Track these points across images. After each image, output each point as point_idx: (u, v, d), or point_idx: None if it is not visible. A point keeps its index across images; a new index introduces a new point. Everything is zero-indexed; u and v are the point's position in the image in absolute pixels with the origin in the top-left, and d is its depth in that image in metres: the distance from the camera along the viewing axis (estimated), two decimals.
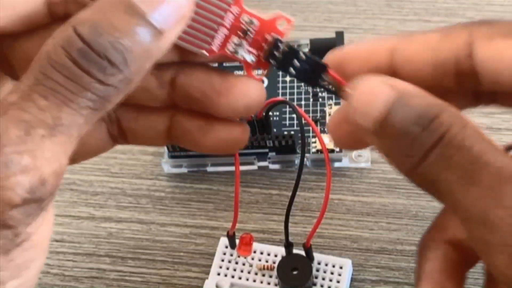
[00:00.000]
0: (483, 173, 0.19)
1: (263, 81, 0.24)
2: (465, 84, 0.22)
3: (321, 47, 0.38)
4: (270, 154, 0.36)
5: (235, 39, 0.23)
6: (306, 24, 0.43)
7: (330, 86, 0.23)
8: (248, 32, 0.23)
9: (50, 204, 0.20)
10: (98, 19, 0.19)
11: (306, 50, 0.40)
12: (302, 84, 0.39)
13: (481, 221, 0.19)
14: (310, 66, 0.23)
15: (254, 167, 0.37)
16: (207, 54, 0.23)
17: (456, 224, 0.22)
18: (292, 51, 0.23)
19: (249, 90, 0.23)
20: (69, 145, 0.19)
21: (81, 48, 0.19)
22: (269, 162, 0.37)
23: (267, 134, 0.35)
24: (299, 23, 0.43)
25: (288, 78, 0.39)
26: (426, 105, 0.20)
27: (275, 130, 0.37)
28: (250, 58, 0.23)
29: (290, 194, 0.29)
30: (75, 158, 0.25)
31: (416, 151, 0.19)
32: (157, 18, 0.19)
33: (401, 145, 0.20)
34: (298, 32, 0.42)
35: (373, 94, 0.20)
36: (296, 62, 0.23)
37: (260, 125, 0.34)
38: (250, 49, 0.23)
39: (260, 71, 0.24)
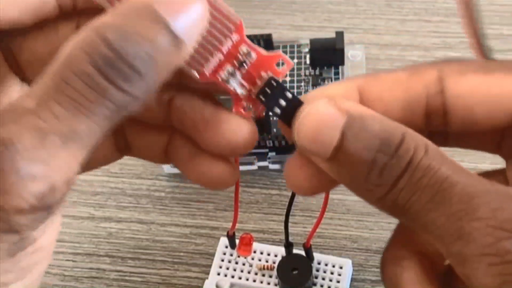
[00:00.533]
0: (452, 191, 0.19)
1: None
2: (434, 123, 0.22)
3: (321, 47, 0.38)
4: (270, 154, 0.36)
5: (229, 68, 0.22)
6: (306, 24, 0.43)
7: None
8: (244, 64, 0.22)
9: (58, 209, 0.20)
10: (124, 24, 0.18)
11: (306, 50, 0.40)
12: (302, 84, 0.39)
13: (457, 236, 0.19)
14: (293, 106, 0.22)
15: (254, 167, 0.37)
16: (198, 76, 0.22)
17: (421, 238, 0.22)
18: (280, 89, 0.22)
19: (238, 130, 0.23)
20: (82, 154, 0.19)
21: (106, 54, 0.18)
22: (269, 162, 0.37)
23: (267, 134, 0.35)
24: (299, 23, 0.43)
25: (288, 78, 0.39)
26: (385, 130, 0.19)
27: (275, 130, 0.37)
28: (240, 90, 0.22)
29: (290, 194, 0.29)
30: (84, 167, 0.25)
31: (386, 180, 0.19)
32: (179, 27, 0.19)
33: (365, 175, 0.19)
34: (298, 32, 0.43)
35: (323, 119, 0.20)
36: (282, 102, 0.22)
37: (260, 125, 0.34)
38: (243, 81, 0.22)
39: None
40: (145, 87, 0.19)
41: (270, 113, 0.22)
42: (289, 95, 0.22)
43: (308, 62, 0.39)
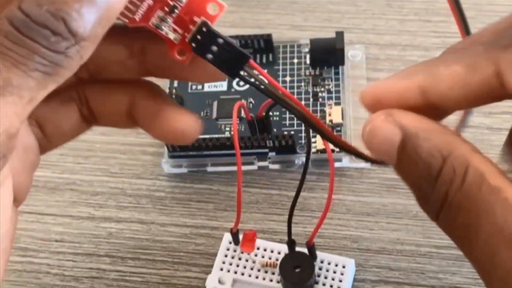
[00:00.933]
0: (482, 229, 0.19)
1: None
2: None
3: (321, 47, 0.39)
4: (270, 154, 0.36)
5: (159, 13, 0.22)
6: (306, 24, 0.43)
7: (252, 79, 0.22)
8: (175, 9, 0.22)
9: (5, 169, 0.20)
10: None
11: (306, 50, 0.40)
12: (302, 84, 0.39)
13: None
14: (231, 55, 0.22)
15: (254, 167, 0.37)
16: (128, 22, 0.22)
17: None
18: (210, 35, 0.22)
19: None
20: (21, 107, 0.20)
21: (22, 19, 0.19)
22: (269, 162, 0.37)
23: (267, 134, 0.35)
24: (299, 23, 0.43)
25: (288, 78, 0.39)
26: (430, 153, 0.20)
27: (275, 130, 0.37)
28: (173, 35, 0.22)
29: (290, 194, 0.29)
30: (51, 141, 0.26)
31: (432, 208, 0.21)
32: None
33: (417, 199, 0.21)
34: (298, 32, 0.42)
35: (382, 138, 0.21)
36: (214, 48, 0.22)
37: (260, 125, 0.34)
38: (175, 27, 0.22)
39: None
40: (70, 45, 0.20)
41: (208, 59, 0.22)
42: (220, 40, 0.22)
43: (308, 62, 0.39)
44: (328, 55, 0.38)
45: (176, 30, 0.22)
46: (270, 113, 0.37)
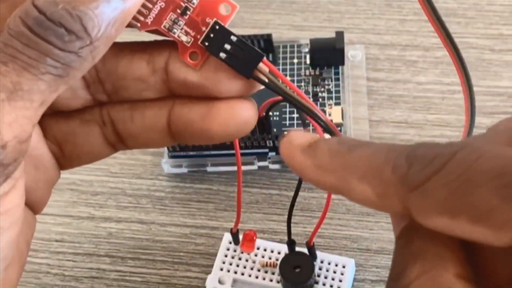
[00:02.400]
0: None
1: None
2: None
3: (321, 47, 0.38)
4: (270, 154, 0.36)
5: (172, 15, 0.22)
6: (306, 24, 0.43)
7: (265, 79, 0.22)
8: (187, 11, 0.22)
9: (17, 172, 0.20)
10: None
11: (306, 50, 0.40)
12: (302, 84, 0.39)
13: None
14: (244, 53, 0.22)
15: (254, 167, 0.37)
16: (139, 26, 0.22)
17: None
18: (224, 33, 0.22)
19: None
20: (32, 111, 0.19)
21: (36, 16, 0.19)
22: (269, 162, 0.37)
23: (267, 134, 0.35)
24: (299, 23, 0.43)
25: (288, 78, 0.39)
26: None
27: (275, 130, 0.37)
28: (185, 38, 0.22)
29: (290, 194, 0.29)
30: (71, 160, 0.25)
31: None
32: None
33: None
34: (298, 32, 0.42)
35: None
36: (227, 46, 0.22)
37: (260, 125, 0.34)
38: (187, 29, 0.22)
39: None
40: (83, 45, 0.19)
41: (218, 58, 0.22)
42: (234, 38, 0.22)
43: (308, 62, 0.39)
44: (328, 55, 0.38)
45: (188, 32, 0.22)
46: (270, 113, 0.37)
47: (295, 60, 0.40)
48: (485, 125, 0.36)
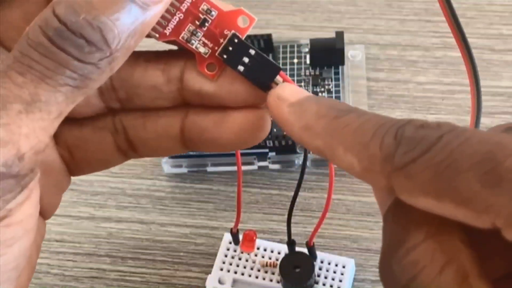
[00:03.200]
0: None
1: None
2: None
3: (321, 47, 0.38)
4: (270, 154, 0.36)
5: (190, 27, 0.22)
6: (306, 24, 0.43)
7: None
8: (206, 22, 0.22)
9: (33, 182, 0.20)
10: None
11: (306, 50, 0.40)
12: (302, 84, 0.39)
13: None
14: (262, 67, 0.22)
15: (254, 167, 0.37)
16: (157, 36, 0.22)
17: None
18: (242, 46, 0.22)
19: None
20: (49, 122, 0.19)
21: (57, 27, 0.18)
22: (269, 162, 0.37)
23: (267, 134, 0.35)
24: (299, 23, 0.43)
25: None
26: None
27: (275, 130, 0.37)
28: (203, 49, 0.22)
29: (290, 194, 0.29)
30: (82, 167, 0.25)
31: None
32: None
33: None
34: (298, 32, 0.42)
35: None
36: (245, 59, 0.22)
37: None
38: (205, 40, 0.22)
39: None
40: (103, 56, 0.19)
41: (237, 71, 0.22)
42: (252, 52, 0.22)
43: (308, 62, 0.39)
44: (328, 55, 0.38)
45: (206, 44, 0.22)
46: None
47: (295, 60, 0.40)
48: (485, 125, 0.36)
